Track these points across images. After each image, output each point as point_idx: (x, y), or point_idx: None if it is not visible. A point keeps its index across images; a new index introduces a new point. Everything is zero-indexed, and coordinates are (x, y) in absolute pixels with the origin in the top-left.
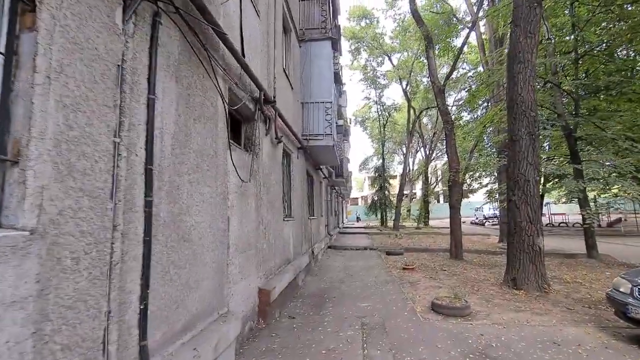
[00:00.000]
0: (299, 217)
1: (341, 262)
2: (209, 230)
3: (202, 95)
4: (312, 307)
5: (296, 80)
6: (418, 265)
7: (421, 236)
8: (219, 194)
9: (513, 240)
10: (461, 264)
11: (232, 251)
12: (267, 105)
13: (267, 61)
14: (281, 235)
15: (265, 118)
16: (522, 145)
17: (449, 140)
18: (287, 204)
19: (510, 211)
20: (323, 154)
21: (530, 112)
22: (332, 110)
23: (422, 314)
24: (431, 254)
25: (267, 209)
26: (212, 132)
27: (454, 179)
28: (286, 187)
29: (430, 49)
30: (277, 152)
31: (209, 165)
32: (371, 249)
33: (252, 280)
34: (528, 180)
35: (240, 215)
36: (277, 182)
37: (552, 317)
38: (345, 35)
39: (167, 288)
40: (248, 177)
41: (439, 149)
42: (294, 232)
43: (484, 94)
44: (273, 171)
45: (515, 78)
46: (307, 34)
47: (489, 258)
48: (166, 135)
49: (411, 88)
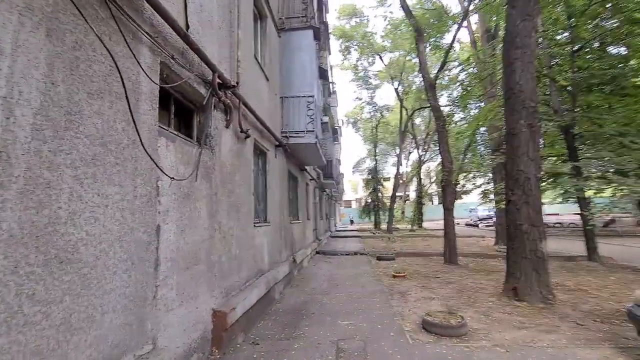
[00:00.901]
0: (277, 222)
1: (328, 270)
2: (118, 244)
3: (107, 64)
4: (284, 328)
5: (274, 72)
6: (410, 271)
7: (414, 239)
8: (141, 196)
9: (513, 245)
10: (456, 269)
11: (165, 269)
12: (226, 91)
13: (228, 42)
14: (251, 243)
15: (225, 107)
16: (522, 139)
17: (441, 137)
18: (262, 207)
19: (509, 213)
20: (306, 153)
21: (530, 103)
22: (315, 106)
23: (411, 335)
24: (424, 258)
25: (228, 214)
26: (126, 114)
27: (447, 178)
28: (260, 188)
29: (421, 42)
30: (245, 149)
31: (119, 157)
32: (361, 254)
33: (201, 302)
34: (529, 178)
35: (181, 223)
36: (246, 183)
37: (561, 335)
38: (335, 34)
39: (20, 336)
40: (195, 175)
41: (432, 150)
42: (269, 239)
43: (476, 92)
44: (238, 170)
45: (513, 65)
46: (287, 23)
47: (486, 262)
48: (23, 108)
49: (403, 88)
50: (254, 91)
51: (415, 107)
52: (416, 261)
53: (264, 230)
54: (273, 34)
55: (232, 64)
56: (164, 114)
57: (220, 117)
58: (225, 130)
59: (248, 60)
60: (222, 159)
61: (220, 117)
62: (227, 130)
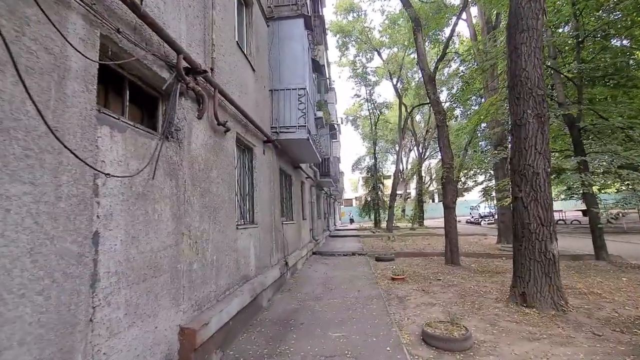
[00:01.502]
0: (267, 222)
1: (323, 272)
2: (28, 258)
3: (11, 29)
4: (269, 341)
5: (262, 63)
6: (409, 273)
7: (415, 238)
8: (68, 197)
9: (520, 246)
10: (458, 271)
11: (108, 285)
12: (196, 76)
13: (202, 24)
14: (232, 247)
15: (197, 96)
16: (529, 130)
17: (441, 133)
18: (248, 207)
19: (516, 211)
20: (299, 150)
21: (538, 91)
22: (307, 99)
23: (409, 348)
24: (425, 259)
25: (201, 215)
26: (46, 94)
27: (448, 175)
28: (246, 187)
29: (419, 33)
30: (225, 144)
31: (30, 148)
32: (360, 254)
33: (162, 319)
34: (537, 173)
35: (132, 229)
36: (226, 181)
37: (578, 348)
38: (332, 29)
39: None
40: (152, 172)
41: (432, 147)
42: (257, 241)
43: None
44: (216, 167)
45: (518, 50)
46: (276, 12)
47: (489, 263)
48: None
49: (402, 85)
50: (236, 81)
51: (415, 103)
52: (416, 262)
53: (250, 232)
54: (261, 23)
55: (206, 48)
56: (117, 100)
57: (190, 107)
58: (197, 122)
59: (228, 46)
60: (192, 154)
61: (190, 107)
62: (200, 122)
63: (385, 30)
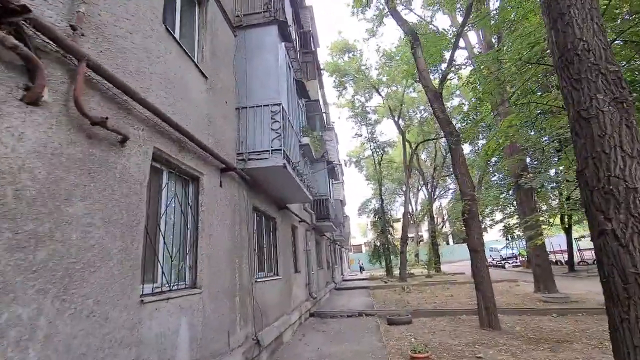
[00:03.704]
0: (224, 283)
1: (317, 347)
2: None
3: None
4: None
5: (219, 72)
6: (435, 346)
7: (433, 288)
8: None
9: (621, 312)
10: (501, 339)
11: None
12: (12, 19)
13: None
14: (128, 338)
15: (26, 61)
16: (605, 122)
17: (455, 157)
18: (178, 262)
19: (604, 253)
20: (279, 183)
21: (609, 66)
22: (284, 116)
23: None
24: (451, 319)
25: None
26: None
27: (471, 209)
28: (180, 232)
29: (417, 47)
30: (120, 160)
31: None
32: (367, 315)
33: None
34: (635, 188)
35: None
36: (112, 221)
37: None
38: (328, 69)
39: None
40: None
41: (441, 186)
42: (199, 317)
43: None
44: (85, 195)
45: (566, 16)
46: (245, 20)
47: (538, 323)
48: None
49: (404, 121)
50: (160, 76)
51: (419, 140)
52: (441, 324)
53: (178, 304)
54: (222, 29)
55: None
56: None
57: (6, 79)
58: (24, 108)
59: (141, 22)
60: None
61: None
62: (33, 109)
63: (382, 67)
